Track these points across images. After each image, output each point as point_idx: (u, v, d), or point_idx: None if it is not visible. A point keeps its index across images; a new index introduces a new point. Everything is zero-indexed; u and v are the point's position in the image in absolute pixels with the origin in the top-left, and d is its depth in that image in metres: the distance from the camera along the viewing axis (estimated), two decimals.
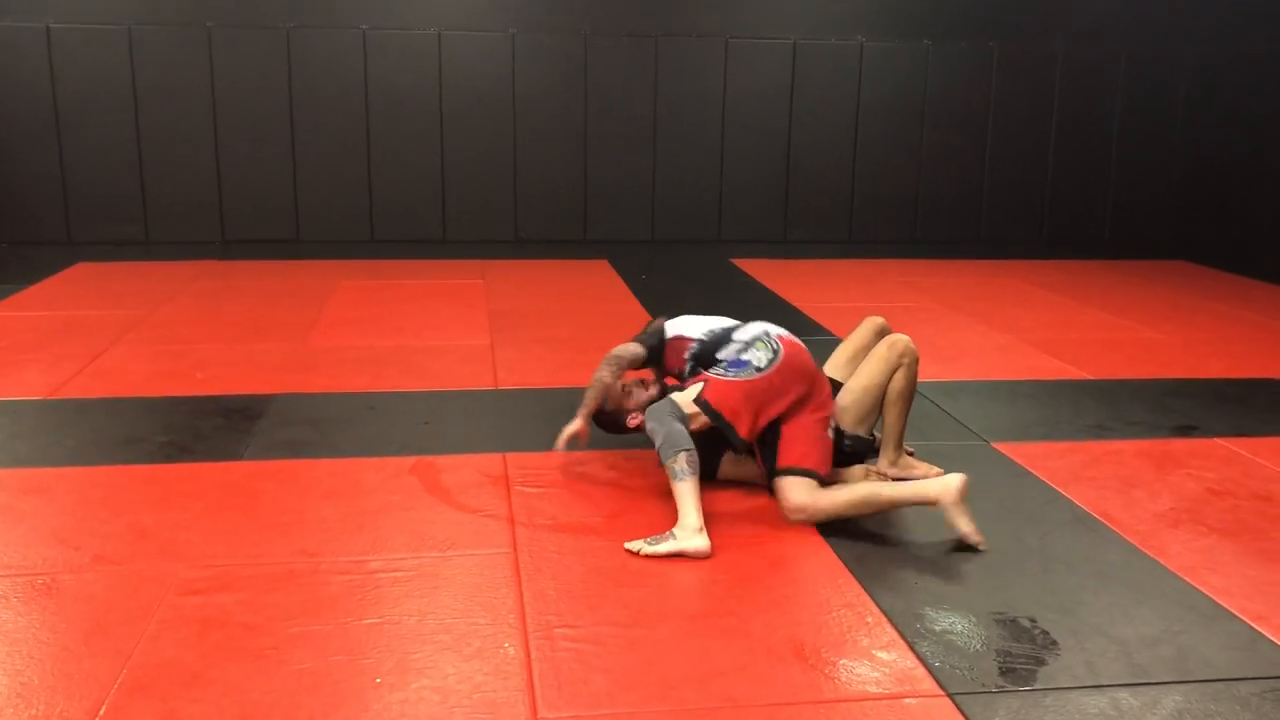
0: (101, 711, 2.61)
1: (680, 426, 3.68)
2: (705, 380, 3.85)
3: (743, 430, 3.79)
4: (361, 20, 9.57)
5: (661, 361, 4.19)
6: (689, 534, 3.49)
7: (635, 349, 4.15)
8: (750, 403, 3.78)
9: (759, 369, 3.82)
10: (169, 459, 4.33)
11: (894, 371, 4.09)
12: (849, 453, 4.10)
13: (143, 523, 3.68)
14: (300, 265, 8.76)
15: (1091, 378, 5.82)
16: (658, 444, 3.67)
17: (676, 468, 3.59)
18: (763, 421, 3.82)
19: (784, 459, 3.79)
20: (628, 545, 3.52)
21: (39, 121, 9.30)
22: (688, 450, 3.62)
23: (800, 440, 3.81)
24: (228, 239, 9.65)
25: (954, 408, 5.20)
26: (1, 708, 2.62)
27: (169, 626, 3.01)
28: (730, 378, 3.82)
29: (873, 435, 4.23)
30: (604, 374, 4.06)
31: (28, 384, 5.32)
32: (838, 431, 4.06)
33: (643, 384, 4.15)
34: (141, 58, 9.34)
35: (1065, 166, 10.69)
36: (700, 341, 4.08)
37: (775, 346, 3.90)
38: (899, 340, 4.14)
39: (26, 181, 9.35)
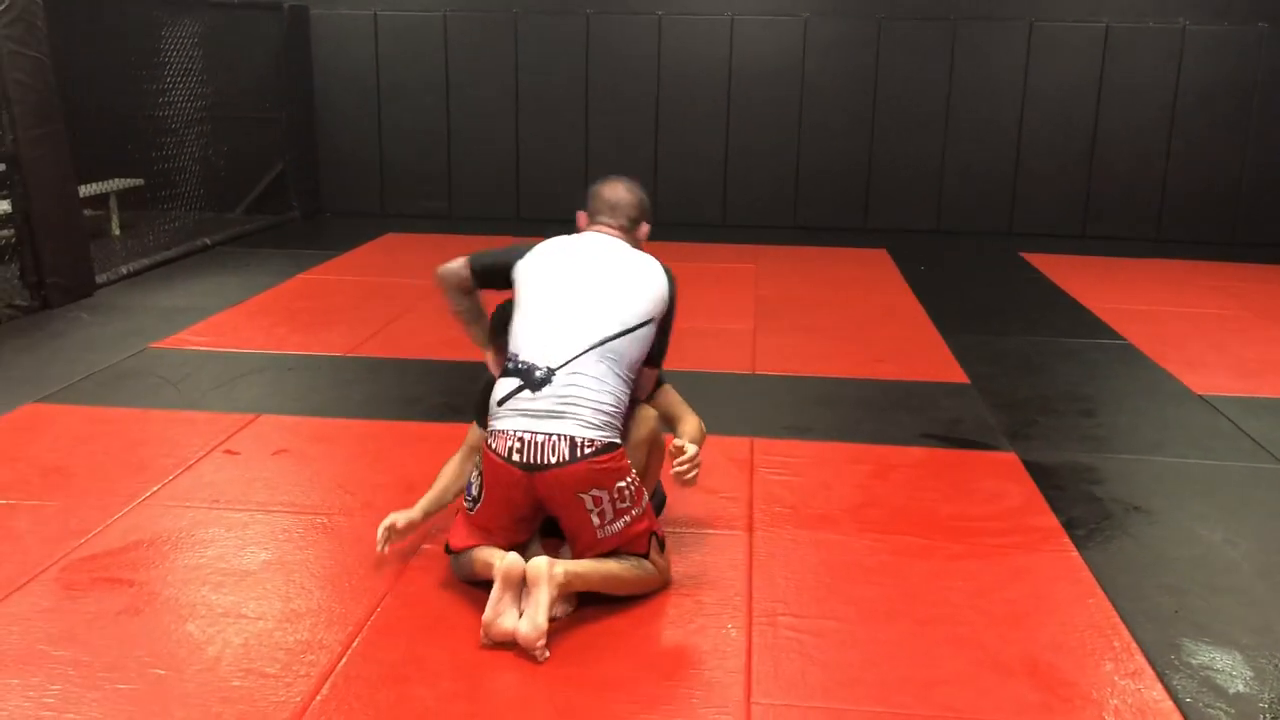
0: (355, 644, 2.85)
1: None
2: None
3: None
4: (658, 6, 9.79)
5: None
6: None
7: None
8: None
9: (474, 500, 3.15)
10: (442, 418, 4.64)
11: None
12: None
13: (411, 475, 3.96)
14: None
15: None
16: None
17: None
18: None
19: None
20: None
21: (363, 102, 10.15)
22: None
23: None
24: (523, 216, 10.16)
25: (1252, 426, 4.73)
26: (272, 629, 2.91)
27: (421, 572, 3.23)
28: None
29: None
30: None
31: (331, 342, 5.84)
32: None
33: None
34: (455, 43, 9.99)
35: None
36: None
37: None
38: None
39: (349, 157, 10.24)
